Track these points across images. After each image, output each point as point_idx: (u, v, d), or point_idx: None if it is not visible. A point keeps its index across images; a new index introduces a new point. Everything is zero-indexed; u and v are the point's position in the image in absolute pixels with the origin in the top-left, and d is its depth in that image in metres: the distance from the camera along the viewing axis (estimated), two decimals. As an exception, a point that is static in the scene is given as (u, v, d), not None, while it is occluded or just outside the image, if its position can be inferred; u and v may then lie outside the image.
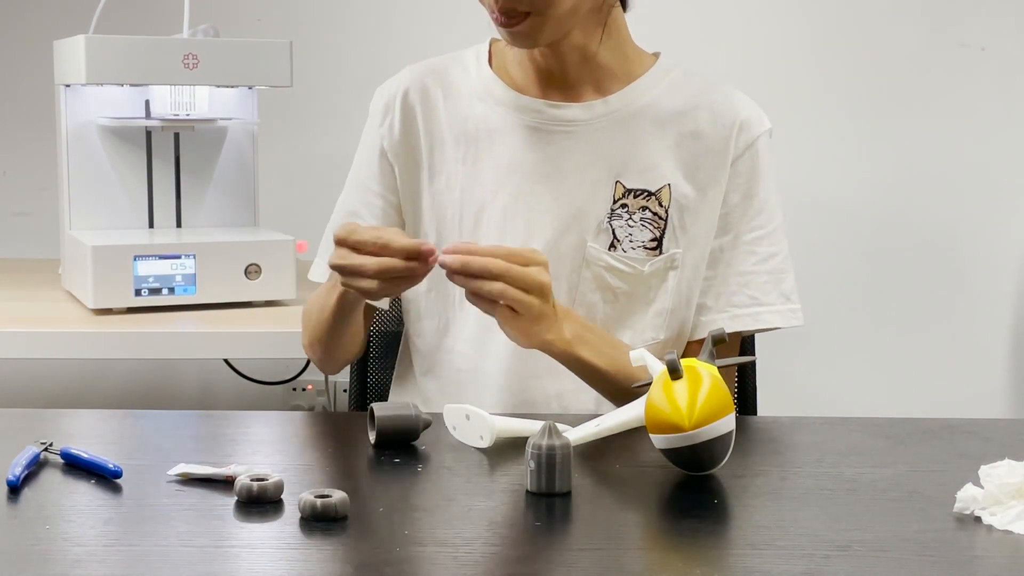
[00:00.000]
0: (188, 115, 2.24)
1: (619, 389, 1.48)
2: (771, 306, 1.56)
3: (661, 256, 1.53)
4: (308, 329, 1.64)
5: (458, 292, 1.56)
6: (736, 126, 1.54)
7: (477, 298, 1.35)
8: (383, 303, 1.65)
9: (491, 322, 1.47)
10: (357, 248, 1.33)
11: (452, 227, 1.56)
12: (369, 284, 1.33)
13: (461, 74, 1.60)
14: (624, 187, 1.53)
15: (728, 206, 1.55)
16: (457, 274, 1.33)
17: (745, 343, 1.82)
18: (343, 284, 1.38)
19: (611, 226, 1.53)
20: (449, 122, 1.57)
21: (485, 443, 1.29)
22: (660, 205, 1.52)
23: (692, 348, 1.59)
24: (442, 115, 1.58)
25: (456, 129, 1.57)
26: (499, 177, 1.55)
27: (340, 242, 1.35)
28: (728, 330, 1.54)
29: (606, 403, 1.53)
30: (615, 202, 1.53)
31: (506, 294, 1.32)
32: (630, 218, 1.52)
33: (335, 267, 1.36)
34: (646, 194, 1.52)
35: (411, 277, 1.34)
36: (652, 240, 1.53)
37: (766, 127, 1.57)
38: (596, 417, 1.32)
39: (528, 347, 1.41)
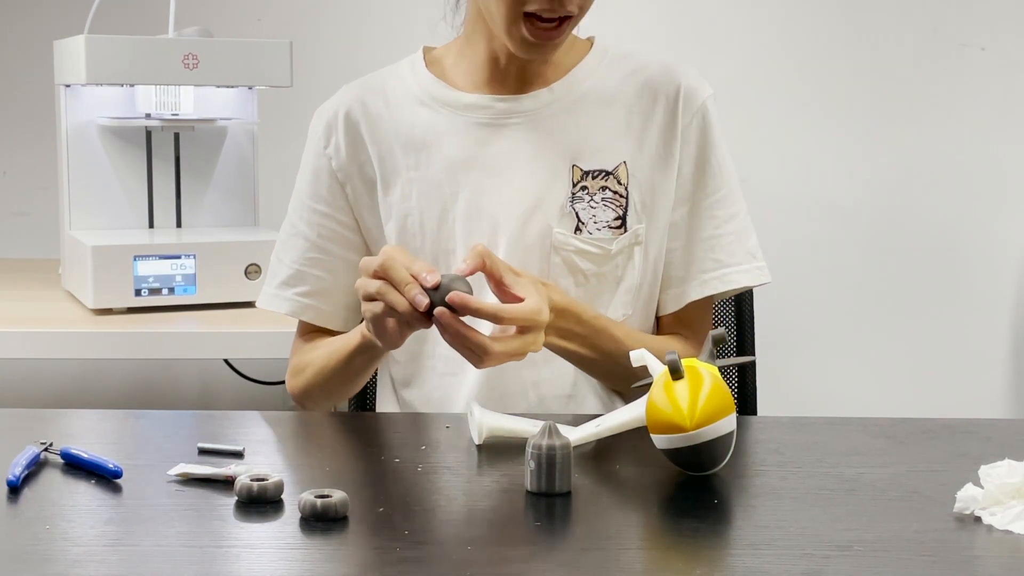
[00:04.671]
0: (175, 115, 2.24)
1: (610, 372, 1.49)
2: (737, 266, 1.57)
3: (626, 233, 1.54)
4: (306, 376, 1.60)
5: None
6: (680, 96, 1.56)
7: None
8: (343, 326, 1.64)
9: (469, 323, 1.49)
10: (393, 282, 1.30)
11: (415, 234, 1.56)
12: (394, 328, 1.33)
13: (399, 84, 1.61)
14: (581, 170, 1.54)
15: (683, 176, 1.57)
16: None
17: (744, 342, 1.82)
18: (376, 324, 1.35)
19: (574, 210, 1.54)
20: (396, 131, 1.58)
21: (477, 441, 1.30)
22: (619, 183, 1.54)
23: (664, 322, 1.60)
24: (387, 126, 1.58)
25: (403, 137, 1.57)
26: (455, 178, 1.55)
27: (379, 274, 1.32)
28: (698, 296, 1.57)
29: (581, 389, 1.55)
30: (574, 185, 1.54)
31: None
32: (591, 200, 1.53)
33: (370, 297, 1.33)
34: (604, 174, 1.54)
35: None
36: (616, 219, 1.54)
37: (708, 92, 1.58)
38: (595, 417, 1.32)
39: None
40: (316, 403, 1.63)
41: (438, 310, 1.29)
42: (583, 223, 1.53)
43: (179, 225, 2.33)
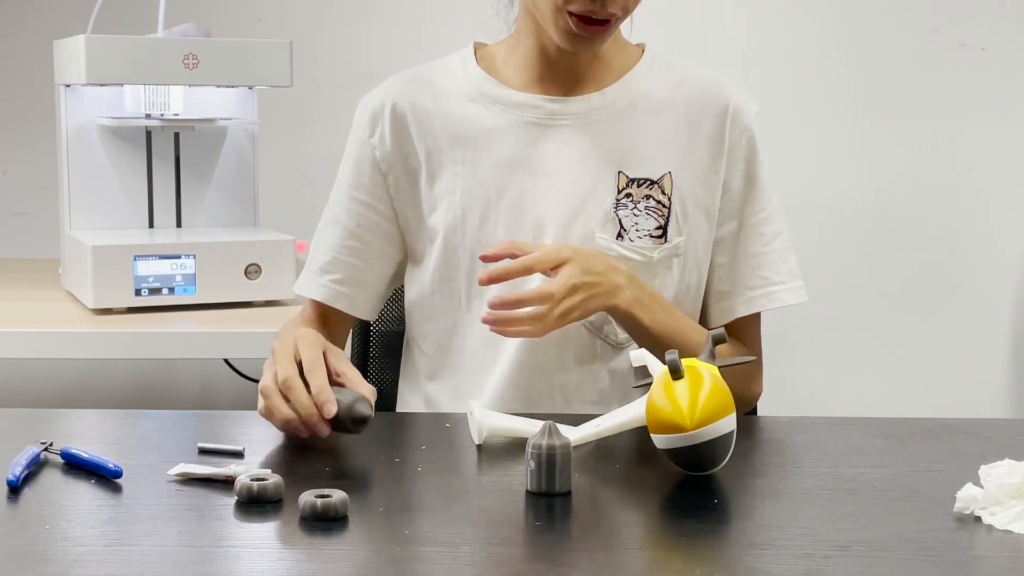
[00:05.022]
0: (175, 115, 2.25)
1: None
2: (783, 284, 1.60)
3: (668, 244, 1.54)
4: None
5: (464, 293, 1.56)
6: (729, 112, 1.56)
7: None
8: (371, 315, 1.65)
9: None
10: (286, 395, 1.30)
11: (457, 229, 1.56)
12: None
13: (447, 78, 1.60)
14: (627, 177, 1.54)
15: (731, 192, 1.57)
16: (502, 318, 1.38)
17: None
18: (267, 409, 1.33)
19: (617, 216, 1.53)
20: (443, 125, 1.57)
21: (477, 440, 1.30)
22: (663, 193, 1.54)
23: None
24: (435, 119, 1.57)
25: (451, 131, 1.57)
26: (502, 175, 1.55)
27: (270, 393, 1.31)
28: (744, 312, 1.58)
29: (610, 398, 1.54)
30: (619, 192, 1.54)
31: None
32: (635, 207, 1.53)
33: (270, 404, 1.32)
34: (649, 183, 1.54)
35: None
36: (657, 228, 1.54)
37: (756, 110, 1.60)
38: (596, 417, 1.32)
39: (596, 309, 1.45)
40: None
41: (489, 316, 1.38)
42: (625, 230, 1.53)
43: (179, 225, 2.33)
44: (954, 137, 2.95)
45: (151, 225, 2.31)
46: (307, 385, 1.28)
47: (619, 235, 1.54)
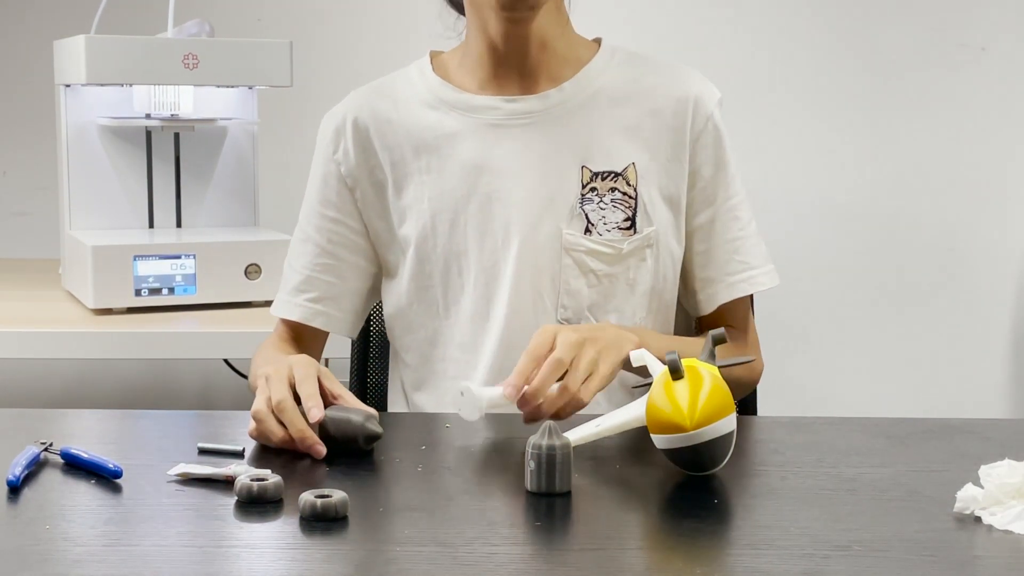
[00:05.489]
0: (175, 115, 2.25)
1: None
2: (761, 267, 1.61)
3: (638, 235, 1.54)
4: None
5: (440, 300, 1.56)
6: (691, 101, 1.57)
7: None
8: (351, 331, 1.65)
9: (481, 325, 1.52)
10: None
11: (428, 237, 1.56)
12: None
13: (407, 87, 1.61)
14: (591, 171, 1.54)
15: (703, 180, 1.58)
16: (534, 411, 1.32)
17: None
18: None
19: (583, 211, 1.54)
20: (406, 135, 1.57)
21: (476, 416, 1.29)
22: (628, 184, 1.54)
23: (705, 323, 1.62)
24: (398, 129, 1.58)
25: (414, 140, 1.57)
26: (467, 180, 1.55)
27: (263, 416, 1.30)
28: (727, 299, 1.59)
29: (599, 399, 1.54)
30: (584, 187, 1.54)
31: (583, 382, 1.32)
32: (601, 200, 1.54)
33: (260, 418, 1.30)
34: (613, 175, 1.54)
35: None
36: (626, 220, 1.54)
37: (718, 96, 1.60)
38: (596, 417, 1.32)
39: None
40: None
41: (527, 416, 1.31)
42: (592, 224, 1.54)
43: (179, 225, 2.33)
44: (954, 137, 2.95)
45: (151, 225, 2.31)
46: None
47: (587, 230, 1.54)
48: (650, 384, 1.24)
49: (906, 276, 2.98)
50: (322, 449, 1.26)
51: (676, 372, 1.19)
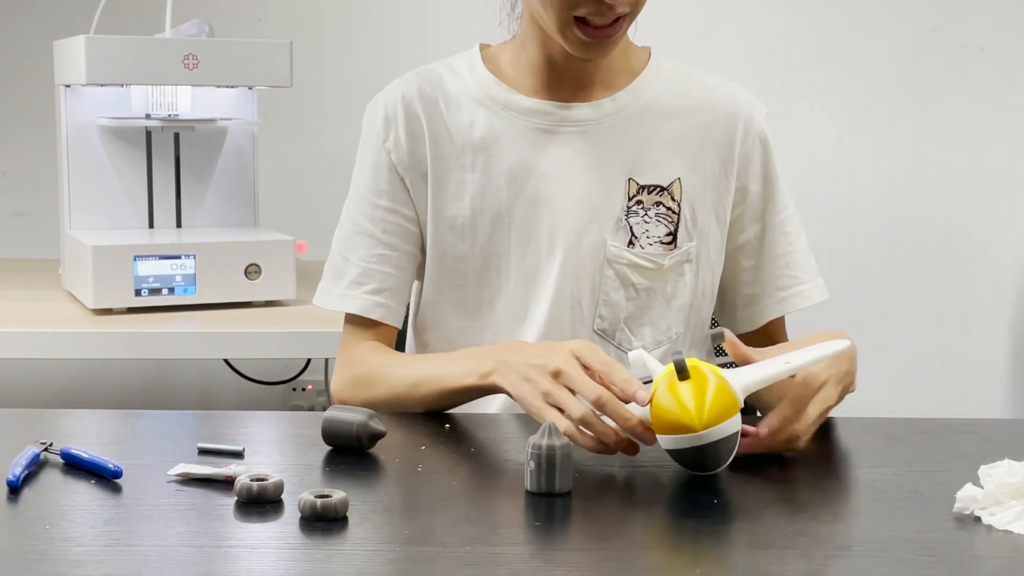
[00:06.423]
0: (175, 115, 2.25)
1: None
2: (810, 282, 1.60)
3: (678, 250, 1.54)
4: (376, 393, 1.50)
5: (471, 301, 1.54)
6: (739, 117, 1.56)
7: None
8: (400, 322, 1.59)
9: (516, 328, 1.51)
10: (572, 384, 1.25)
11: (464, 236, 1.54)
12: (567, 426, 1.25)
13: (455, 80, 1.57)
14: (637, 184, 1.53)
15: (751, 196, 1.57)
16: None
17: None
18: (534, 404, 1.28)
19: (628, 223, 1.53)
20: (453, 130, 1.54)
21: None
22: (673, 200, 1.53)
23: (751, 338, 1.59)
24: (444, 122, 1.54)
25: (460, 137, 1.54)
26: (514, 182, 1.53)
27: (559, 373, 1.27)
28: (777, 313, 1.59)
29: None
30: (630, 199, 1.53)
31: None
32: (645, 214, 1.53)
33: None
34: (659, 189, 1.53)
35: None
36: (667, 235, 1.54)
37: (764, 111, 1.59)
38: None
39: None
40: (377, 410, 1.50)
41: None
42: (636, 237, 1.53)
43: (179, 225, 2.33)
44: (954, 137, 2.95)
45: (151, 225, 2.31)
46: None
47: (630, 242, 1.53)
48: (649, 384, 1.23)
49: (905, 276, 2.98)
50: (652, 435, 1.22)
51: (682, 372, 1.19)
